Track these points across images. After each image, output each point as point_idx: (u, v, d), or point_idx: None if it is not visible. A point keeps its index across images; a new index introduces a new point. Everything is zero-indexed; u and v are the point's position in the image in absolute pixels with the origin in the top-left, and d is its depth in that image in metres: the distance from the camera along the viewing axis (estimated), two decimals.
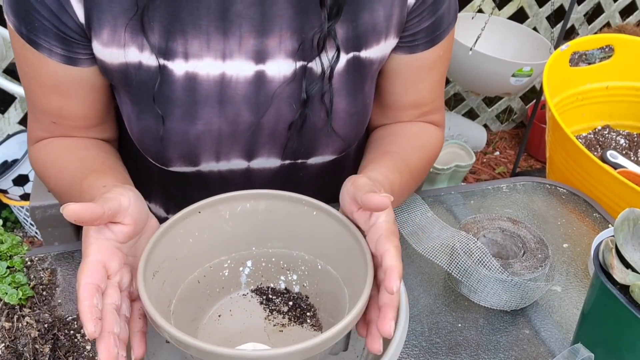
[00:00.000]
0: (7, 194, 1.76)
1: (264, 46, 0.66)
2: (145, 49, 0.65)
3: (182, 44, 0.65)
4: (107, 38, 0.64)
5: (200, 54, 0.66)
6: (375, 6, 0.68)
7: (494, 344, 0.65)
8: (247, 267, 0.65)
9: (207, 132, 0.69)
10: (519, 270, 0.67)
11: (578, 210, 0.87)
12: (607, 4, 2.46)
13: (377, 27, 0.69)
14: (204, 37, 0.65)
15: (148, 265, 0.53)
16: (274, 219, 0.62)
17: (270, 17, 0.65)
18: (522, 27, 2.17)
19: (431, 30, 0.72)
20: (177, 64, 0.66)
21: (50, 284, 0.68)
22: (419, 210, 0.74)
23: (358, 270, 0.54)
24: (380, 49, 0.71)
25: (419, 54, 0.74)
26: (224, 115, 0.68)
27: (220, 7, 0.64)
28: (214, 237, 0.62)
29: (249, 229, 0.63)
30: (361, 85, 0.72)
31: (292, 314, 0.63)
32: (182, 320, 0.47)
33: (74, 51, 0.66)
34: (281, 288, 0.65)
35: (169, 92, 0.67)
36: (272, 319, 0.63)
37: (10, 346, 0.58)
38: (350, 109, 0.72)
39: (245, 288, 0.65)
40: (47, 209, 1.07)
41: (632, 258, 0.54)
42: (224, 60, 0.66)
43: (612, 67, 1.52)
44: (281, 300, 0.64)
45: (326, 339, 0.47)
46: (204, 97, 0.67)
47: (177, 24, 0.64)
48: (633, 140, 1.55)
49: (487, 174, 2.38)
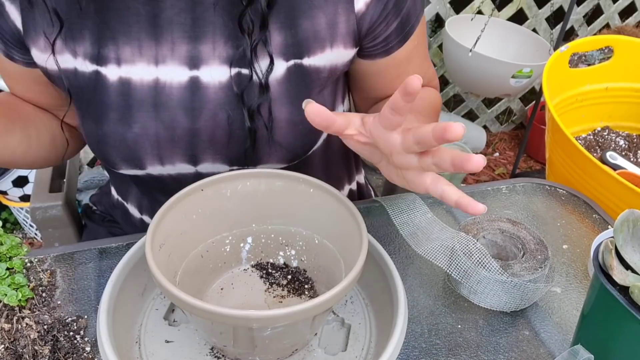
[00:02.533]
0: (7, 196, 1.76)
1: (197, 52, 0.67)
2: (78, 55, 0.67)
3: (114, 50, 0.67)
4: (43, 45, 0.67)
5: (132, 59, 0.67)
6: (315, 13, 0.67)
7: (494, 345, 0.65)
8: (248, 243, 0.68)
9: (144, 135, 0.70)
10: (519, 272, 0.67)
11: (578, 212, 0.87)
12: (607, 5, 2.46)
13: (319, 35, 0.68)
14: (135, 43, 0.66)
15: (155, 237, 0.56)
16: (273, 197, 0.66)
17: (201, 24, 0.66)
18: (522, 29, 2.18)
19: (400, 29, 0.73)
20: (110, 70, 0.67)
21: (50, 285, 0.68)
22: (419, 211, 0.74)
23: (353, 242, 0.57)
24: (326, 56, 0.70)
25: (394, 54, 0.75)
26: (159, 119, 0.69)
27: (150, 14, 0.66)
28: (216, 213, 0.64)
29: (250, 206, 0.66)
30: (306, 93, 0.71)
31: (290, 287, 0.67)
32: (187, 291, 0.50)
33: (11, 51, 0.71)
34: (280, 263, 0.69)
35: (104, 97, 0.69)
36: (271, 292, 0.66)
37: (9, 347, 0.58)
38: (294, 118, 0.71)
39: (245, 263, 0.69)
40: (47, 209, 1.06)
41: (631, 259, 0.54)
42: (157, 66, 0.67)
43: (611, 68, 1.52)
44: (280, 274, 0.68)
45: (324, 300, 0.50)
46: (138, 101, 0.69)
47: (107, 32, 0.66)
48: (632, 141, 1.55)
49: (487, 175, 2.38)
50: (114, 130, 0.70)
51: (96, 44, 0.66)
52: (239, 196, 0.65)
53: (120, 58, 0.67)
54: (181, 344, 0.61)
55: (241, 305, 0.64)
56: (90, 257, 0.73)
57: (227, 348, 0.57)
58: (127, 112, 0.69)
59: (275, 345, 0.56)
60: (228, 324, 0.51)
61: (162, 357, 0.60)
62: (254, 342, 0.54)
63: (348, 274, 0.53)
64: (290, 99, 0.70)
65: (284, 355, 0.59)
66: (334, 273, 0.64)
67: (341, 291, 0.51)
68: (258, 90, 0.68)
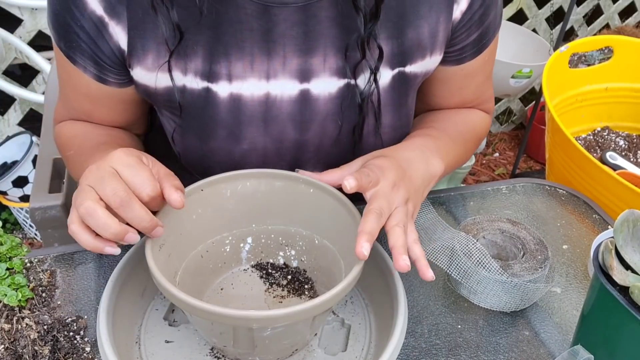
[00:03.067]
0: (7, 196, 1.76)
1: (308, 65, 0.66)
2: (189, 72, 0.65)
3: (226, 67, 0.65)
4: (151, 63, 0.66)
5: (244, 75, 0.66)
6: (420, 23, 0.68)
7: (494, 346, 0.65)
8: (248, 243, 0.68)
9: (252, 150, 0.70)
10: (519, 272, 0.67)
11: (578, 212, 0.87)
12: (607, 5, 2.46)
13: (422, 44, 0.69)
14: (247, 59, 0.65)
15: (154, 238, 0.56)
16: (273, 197, 0.66)
17: (313, 36, 0.65)
18: (522, 29, 2.17)
19: (478, 41, 0.73)
20: (221, 86, 0.66)
21: (49, 285, 0.68)
22: (423, 211, 0.74)
23: (353, 242, 0.57)
24: (424, 64, 0.71)
25: (466, 64, 0.75)
26: (268, 134, 0.69)
27: (263, 28, 0.64)
28: (216, 214, 0.64)
29: (249, 206, 0.66)
30: (405, 98, 0.72)
31: (290, 287, 0.67)
32: (187, 292, 0.50)
33: (106, 74, 0.69)
34: (280, 263, 0.69)
35: (213, 114, 0.67)
36: (271, 292, 0.66)
37: (9, 348, 0.58)
38: (395, 123, 0.72)
39: (245, 263, 0.69)
40: (47, 210, 1.06)
41: (631, 259, 0.54)
42: (268, 81, 0.66)
43: (611, 68, 1.52)
44: (280, 275, 0.68)
45: (324, 301, 0.50)
46: (248, 117, 0.68)
47: (220, 47, 0.64)
48: (632, 141, 1.55)
49: (487, 176, 2.38)
50: (222, 146, 0.69)
51: (208, 60, 0.65)
52: (238, 196, 0.65)
53: (232, 74, 0.66)
54: (181, 344, 0.61)
55: (241, 305, 0.64)
56: (90, 257, 0.73)
57: (227, 348, 0.57)
58: (237, 128, 0.68)
59: (275, 346, 0.56)
60: (228, 324, 0.51)
61: (162, 357, 0.60)
62: (254, 342, 0.54)
63: (348, 274, 0.53)
64: (393, 105, 0.71)
65: (284, 355, 0.59)
66: (334, 273, 0.64)
67: (341, 291, 0.51)
68: (368, 88, 0.68)
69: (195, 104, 0.67)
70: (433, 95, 0.81)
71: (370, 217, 0.55)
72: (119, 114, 0.76)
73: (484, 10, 0.70)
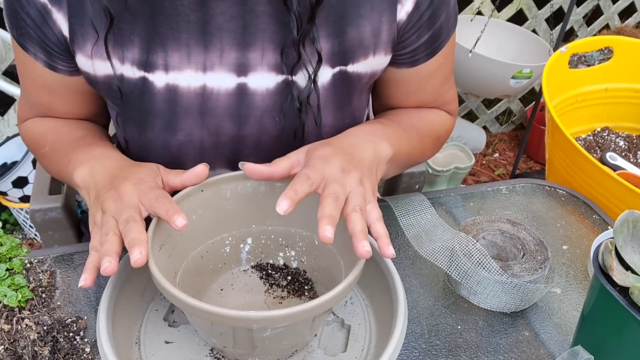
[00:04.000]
0: (7, 196, 1.76)
1: (245, 59, 0.67)
2: (126, 61, 0.66)
3: (162, 57, 0.66)
4: (90, 51, 0.67)
5: (180, 66, 0.66)
6: (361, 22, 0.68)
7: (494, 346, 0.65)
8: (248, 244, 0.68)
9: (189, 142, 0.70)
10: (519, 272, 0.67)
11: (577, 212, 0.87)
12: (606, 6, 2.46)
13: (364, 43, 0.69)
14: (184, 50, 0.66)
15: (155, 238, 0.56)
16: (273, 198, 0.65)
17: (251, 31, 0.66)
18: (521, 29, 2.17)
19: (430, 43, 0.72)
20: (158, 76, 0.67)
21: (49, 286, 0.68)
22: (425, 212, 0.75)
23: (352, 243, 0.56)
24: (368, 63, 0.71)
25: (420, 66, 0.75)
26: (205, 126, 0.69)
27: (200, 20, 0.65)
28: (216, 214, 0.65)
29: (249, 207, 0.66)
30: (348, 98, 0.72)
31: (290, 288, 0.67)
32: (187, 292, 0.51)
33: (55, 60, 0.69)
34: (280, 264, 0.69)
35: (150, 104, 0.68)
36: (271, 292, 0.66)
37: (9, 348, 0.58)
38: (338, 124, 0.72)
39: (245, 264, 0.69)
40: (47, 212, 1.06)
41: (631, 260, 0.54)
42: (204, 73, 0.67)
43: (611, 69, 1.52)
44: (280, 275, 0.68)
45: (324, 301, 0.50)
46: (184, 108, 0.68)
47: (156, 38, 0.65)
48: (632, 142, 1.55)
49: (487, 176, 2.38)
50: (158, 137, 0.70)
51: (145, 50, 0.66)
52: (238, 197, 0.65)
53: (168, 64, 0.66)
54: (181, 344, 0.61)
55: (241, 306, 0.64)
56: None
57: (226, 349, 0.57)
58: (173, 119, 0.69)
59: (275, 346, 0.56)
60: (228, 324, 0.51)
61: (161, 358, 0.60)
62: (254, 342, 0.54)
63: (348, 275, 0.53)
64: (335, 104, 0.71)
65: (283, 356, 0.59)
66: (334, 274, 0.63)
67: (341, 292, 0.51)
68: (306, 91, 0.68)
69: (133, 93, 0.68)
70: (389, 97, 0.80)
71: (327, 201, 0.54)
72: (78, 107, 0.77)
73: (433, 11, 0.69)
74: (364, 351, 0.61)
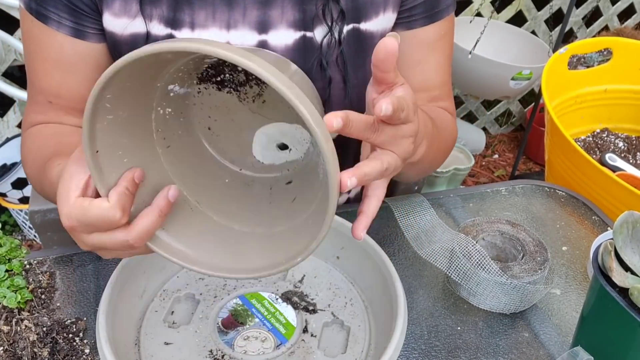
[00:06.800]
0: (6, 197, 1.76)
1: (266, 17, 0.69)
2: (153, 18, 0.68)
3: (189, 14, 0.67)
4: (118, 8, 0.67)
5: (205, 24, 0.68)
6: None
7: (493, 347, 0.65)
8: None
9: None
10: (518, 273, 0.67)
11: (577, 213, 0.87)
12: (606, 7, 2.47)
13: (376, 0, 0.70)
14: (209, 8, 0.68)
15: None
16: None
17: None
18: (521, 31, 2.18)
19: (429, 6, 0.74)
20: (184, 34, 0.68)
21: (49, 287, 0.68)
22: (425, 213, 0.75)
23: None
24: (379, 21, 0.72)
25: (417, 30, 0.75)
26: None
27: None
28: None
29: None
30: (362, 58, 0.73)
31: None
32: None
33: (83, 24, 0.69)
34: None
35: None
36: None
37: (9, 350, 0.58)
38: (351, 81, 0.73)
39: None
40: (46, 213, 1.06)
41: (631, 261, 0.54)
42: (228, 30, 0.69)
43: (610, 70, 1.52)
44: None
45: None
46: None
47: None
48: (632, 143, 1.55)
49: (486, 177, 2.39)
50: None
51: (172, 8, 0.67)
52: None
53: (195, 22, 0.68)
54: (180, 346, 0.61)
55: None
56: (89, 259, 0.73)
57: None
58: None
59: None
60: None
61: (161, 358, 0.60)
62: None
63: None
64: (350, 63, 0.72)
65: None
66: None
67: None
68: (331, 48, 0.69)
69: None
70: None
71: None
72: (89, 86, 0.70)
73: None
74: (364, 352, 0.61)
